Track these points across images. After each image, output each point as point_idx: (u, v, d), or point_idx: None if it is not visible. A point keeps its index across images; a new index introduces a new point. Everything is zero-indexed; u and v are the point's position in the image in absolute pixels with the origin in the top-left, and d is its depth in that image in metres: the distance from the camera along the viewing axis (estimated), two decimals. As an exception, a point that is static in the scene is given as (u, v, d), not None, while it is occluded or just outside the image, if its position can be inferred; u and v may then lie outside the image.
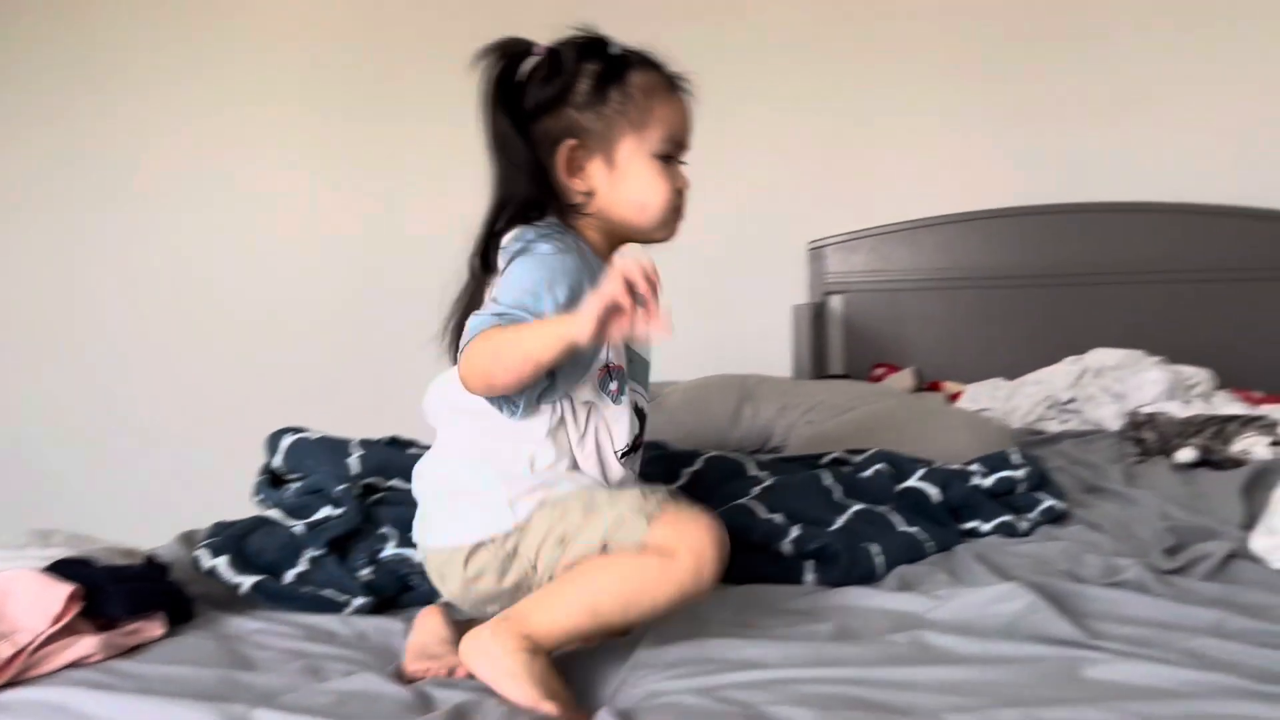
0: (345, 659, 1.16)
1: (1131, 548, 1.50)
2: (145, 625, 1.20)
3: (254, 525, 1.48)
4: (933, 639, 1.12)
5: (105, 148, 3.78)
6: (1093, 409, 2.59)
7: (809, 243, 3.32)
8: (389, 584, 1.40)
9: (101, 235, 3.81)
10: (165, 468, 3.78)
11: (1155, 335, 2.93)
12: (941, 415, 2.19)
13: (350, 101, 3.62)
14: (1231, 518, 1.63)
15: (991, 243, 3.20)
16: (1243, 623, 1.15)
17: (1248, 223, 3.01)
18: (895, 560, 1.45)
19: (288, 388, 3.68)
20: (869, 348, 3.30)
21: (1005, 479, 1.70)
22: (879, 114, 3.29)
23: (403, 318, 3.57)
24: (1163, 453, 2.12)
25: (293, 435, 1.66)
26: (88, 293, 3.85)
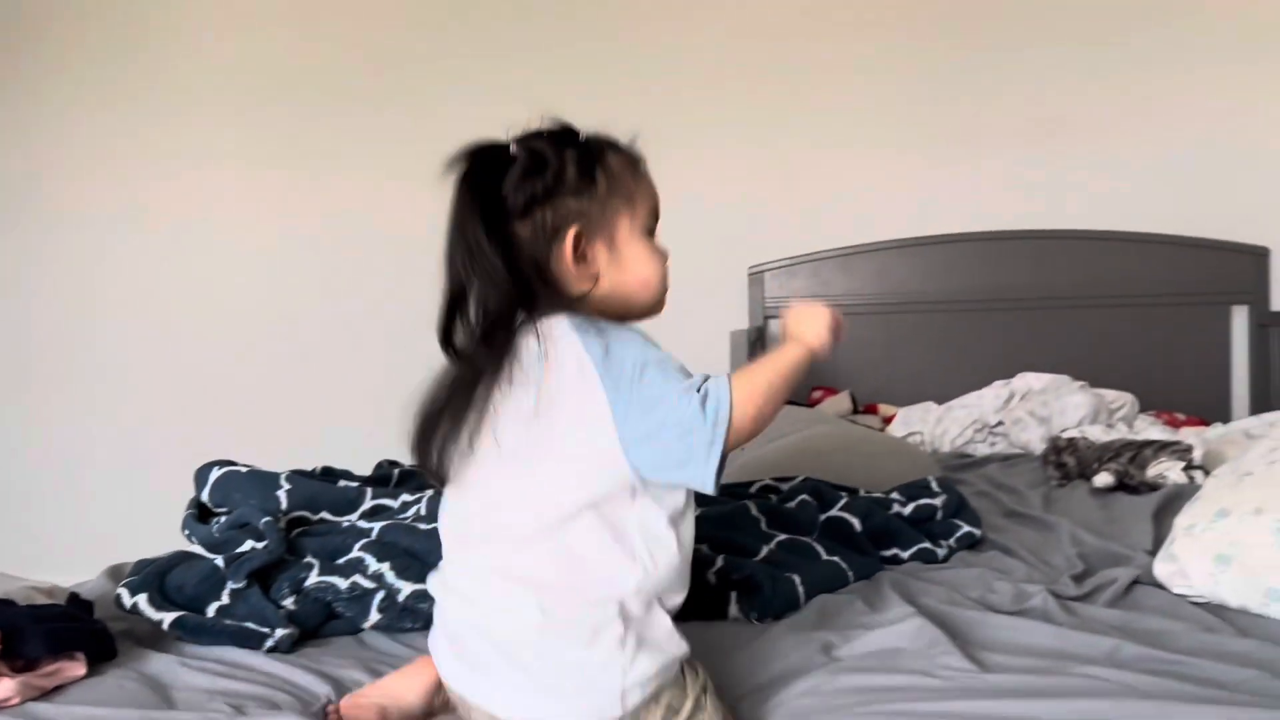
0: (266, 699, 1.17)
1: (1042, 574, 1.54)
2: (65, 665, 1.20)
3: (176, 560, 1.48)
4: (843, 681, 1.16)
5: (40, 165, 3.75)
6: (1019, 432, 2.65)
7: (749, 267, 3.38)
8: (313, 613, 1.40)
9: (30, 258, 3.77)
10: (97, 500, 3.74)
11: (1080, 360, 3.02)
12: (868, 442, 2.24)
13: (297, 107, 3.62)
14: (1141, 543, 1.69)
15: (925, 269, 3.27)
16: (1137, 650, 1.20)
17: (1171, 250, 3.11)
18: (817, 589, 1.48)
19: (219, 414, 3.66)
20: (808, 370, 3.34)
21: (924, 506, 1.75)
22: (818, 143, 3.36)
23: (351, 345, 3.60)
24: (1082, 476, 2.19)
25: (221, 468, 1.66)
26: (17, 318, 3.81)
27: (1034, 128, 3.22)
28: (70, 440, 3.77)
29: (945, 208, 3.29)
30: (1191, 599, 1.40)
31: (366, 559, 1.43)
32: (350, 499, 1.67)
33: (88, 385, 3.76)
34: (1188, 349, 3.11)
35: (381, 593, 1.41)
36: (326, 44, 3.59)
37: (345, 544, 1.48)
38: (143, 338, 3.71)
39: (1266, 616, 1.32)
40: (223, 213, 3.66)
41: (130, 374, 3.72)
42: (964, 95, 3.27)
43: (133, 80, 3.69)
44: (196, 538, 1.56)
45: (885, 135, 3.33)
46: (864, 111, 3.34)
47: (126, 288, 3.72)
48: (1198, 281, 3.10)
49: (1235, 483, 1.50)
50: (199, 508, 1.66)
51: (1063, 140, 3.21)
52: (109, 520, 3.67)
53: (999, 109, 3.25)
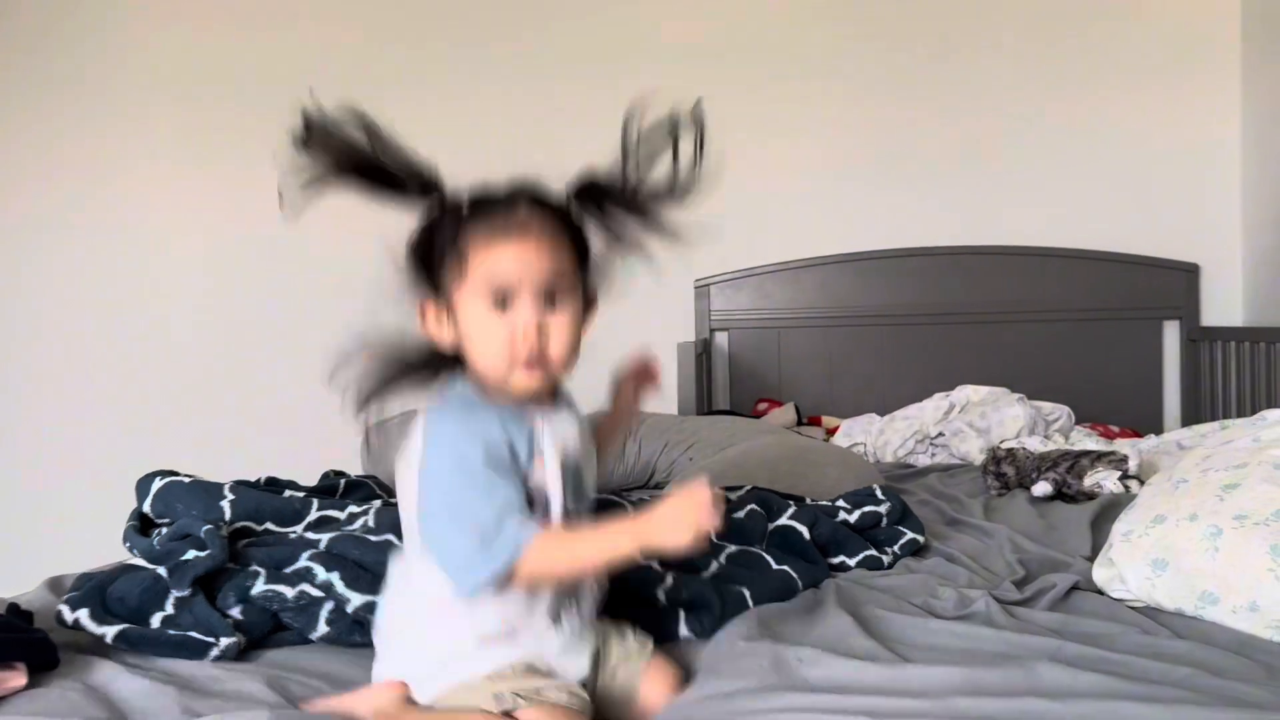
0: (214, 706, 1.15)
1: (984, 580, 1.58)
2: (6, 676, 1.17)
3: (118, 573, 1.45)
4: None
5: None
6: (959, 443, 2.70)
7: (695, 280, 3.40)
8: (259, 622, 1.38)
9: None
10: (35, 510, 3.66)
11: (1017, 373, 3.09)
12: (814, 452, 2.27)
13: (237, 109, 3.58)
14: (1079, 549, 1.73)
15: (868, 283, 3.32)
16: (1078, 650, 1.23)
17: (1105, 266, 3.19)
18: (767, 599, 1.49)
19: (167, 424, 3.60)
20: (753, 383, 3.39)
21: (870, 513, 1.77)
22: (763, 158, 3.39)
23: (293, 356, 3.56)
24: (1021, 486, 2.24)
25: (163, 479, 1.64)
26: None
27: (973, 146, 3.30)
28: (3, 449, 3.68)
29: (887, 224, 3.35)
30: (1129, 603, 1.44)
31: (315, 568, 1.42)
32: (296, 509, 1.65)
33: (21, 391, 3.67)
34: (1121, 362, 3.20)
35: (330, 603, 1.40)
36: (270, 40, 3.56)
37: (293, 554, 1.46)
38: (80, 344, 3.64)
39: (1200, 619, 1.36)
40: (162, 215, 3.61)
41: (66, 381, 3.65)
42: (904, 114, 3.34)
43: (70, 77, 3.62)
44: (138, 550, 1.53)
45: (828, 152, 3.38)
46: (807, 129, 3.39)
47: (61, 292, 3.64)
48: (1130, 297, 3.19)
49: (1171, 490, 1.54)
50: (140, 519, 1.63)
51: (1001, 159, 3.29)
52: (46, 532, 3.59)
53: (938, 128, 3.32)
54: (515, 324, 1.16)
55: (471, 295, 1.17)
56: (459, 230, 1.18)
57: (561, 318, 1.18)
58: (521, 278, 1.16)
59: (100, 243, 3.63)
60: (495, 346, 1.17)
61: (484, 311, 1.17)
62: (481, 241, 1.16)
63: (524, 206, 1.18)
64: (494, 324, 1.16)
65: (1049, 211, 3.27)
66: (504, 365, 1.17)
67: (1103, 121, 3.24)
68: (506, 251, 1.16)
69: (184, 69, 3.59)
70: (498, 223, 1.17)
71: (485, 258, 1.16)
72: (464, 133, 3.36)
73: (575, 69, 3.46)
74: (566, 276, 1.19)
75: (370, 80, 3.50)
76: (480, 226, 1.17)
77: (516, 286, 1.16)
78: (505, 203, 1.19)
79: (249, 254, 3.58)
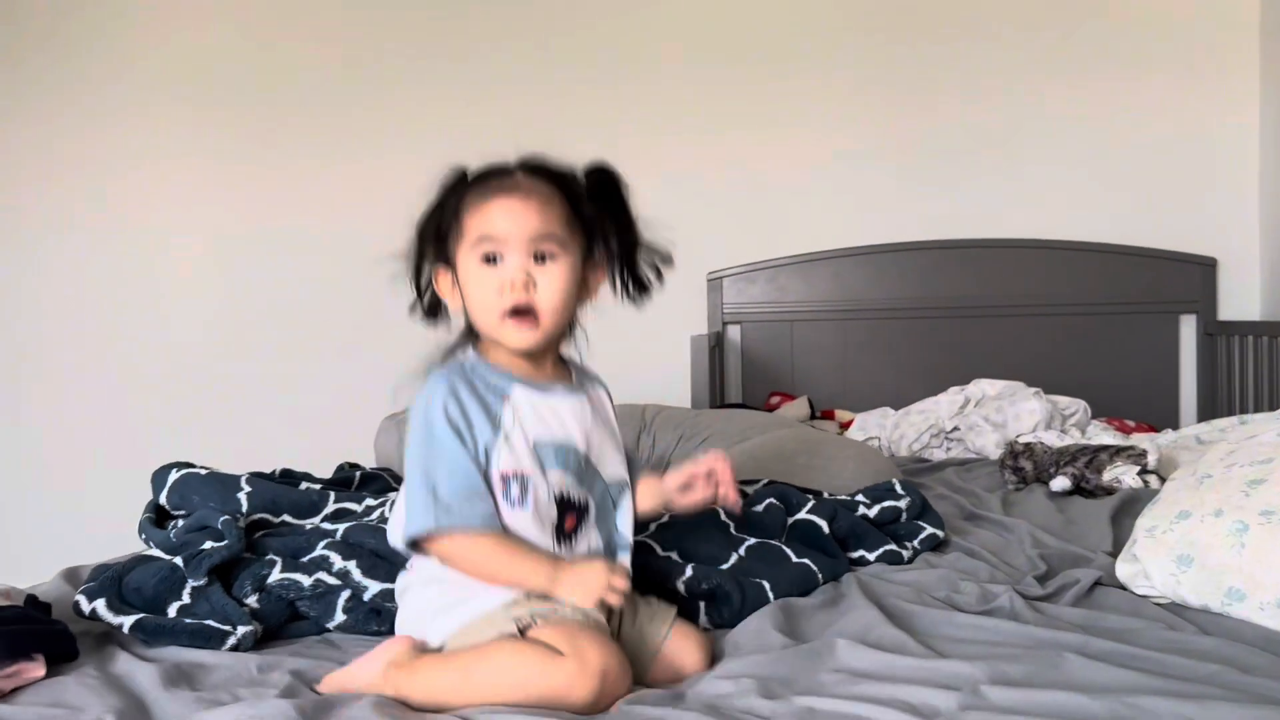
0: (234, 697, 1.14)
1: (1006, 575, 1.56)
2: (25, 667, 1.16)
3: (134, 563, 1.45)
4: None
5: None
6: (975, 437, 2.68)
7: (707, 273, 3.39)
8: (276, 611, 1.38)
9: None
10: (53, 501, 3.67)
11: (1033, 367, 3.07)
12: (830, 445, 2.25)
13: (238, 108, 3.58)
14: (1100, 544, 1.72)
15: (882, 276, 3.31)
16: (1105, 645, 1.21)
17: (1122, 260, 3.17)
18: (787, 592, 1.48)
19: (179, 417, 3.60)
20: (765, 377, 3.37)
21: (889, 508, 1.76)
22: (778, 150, 3.38)
23: (305, 350, 3.56)
24: (1039, 480, 2.22)
25: (179, 470, 1.63)
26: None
27: (988, 138, 3.28)
28: (18, 442, 3.68)
29: (901, 217, 3.33)
30: (1153, 599, 1.43)
31: (331, 556, 1.41)
32: (313, 501, 1.65)
33: (31, 385, 3.68)
34: (1137, 357, 3.18)
35: (347, 591, 1.40)
36: (274, 39, 3.55)
37: (309, 543, 1.46)
38: (91, 338, 3.64)
39: (1226, 615, 1.35)
40: (168, 211, 3.60)
41: (81, 375, 3.65)
42: (919, 106, 3.32)
43: (82, 75, 3.62)
44: (154, 541, 1.53)
45: (842, 145, 3.36)
46: (821, 121, 3.37)
47: (71, 287, 3.64)
48: (1147, 291, 3.17)
49: (1195, 485, 1.52)
50: (156, 510, 1.63)
51: (1016, 151, 3.27)
52: (61, 523, 3.60)
53: (953, 120, 3.30)
54: (503, 275, 1.22)
55: (467, 252, 1.24)
56: (462, 196, 1.25)
57: (551, 271, 1.24)
58: (509, 231, 1.22)
59: (108, 239, 3.62)
60: (485, 298, 1.23)
61: (476, 266, 1.23)
62: (475, 200, 1.24)
63: (520, 171, 1.26)
64: (485, 277, 1.23)
65: (1065, 204, 3.25)
66: (494, 317, 1.23)
67: (1119, 113, 3.22)
68: (496, 207, 1.23)
69: (189, 68, 3.58)
70: (491, 184, 1.25)
71: (477, 214, 1.23)
72: (467, 127, 3.35)
73: (581, 59, 3.44)
74: (558, 235, 1.24)
75: (373, 78, 3.51)
76: (476, 188, 1.25)
77: (504, 240, 1.22)
78: (502, 169, 1.27)
79: (255, 248, 3.57)
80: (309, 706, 1.07)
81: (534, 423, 1.24)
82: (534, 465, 1.23)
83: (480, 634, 1.17)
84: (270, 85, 3.54)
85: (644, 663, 1.25)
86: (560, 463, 1.25)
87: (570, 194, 1.27)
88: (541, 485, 1.23)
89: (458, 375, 1.23)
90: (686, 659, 1.26)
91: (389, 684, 1.14)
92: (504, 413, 1.22)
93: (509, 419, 1.22)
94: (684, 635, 1.29)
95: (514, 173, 1.26)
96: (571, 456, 1.26)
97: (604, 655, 1.11)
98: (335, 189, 3.51)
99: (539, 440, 1.24)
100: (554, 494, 1.24)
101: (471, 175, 1.28)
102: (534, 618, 1.16)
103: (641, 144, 3.34)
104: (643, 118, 3.40)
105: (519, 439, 1.22)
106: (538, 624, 1.16)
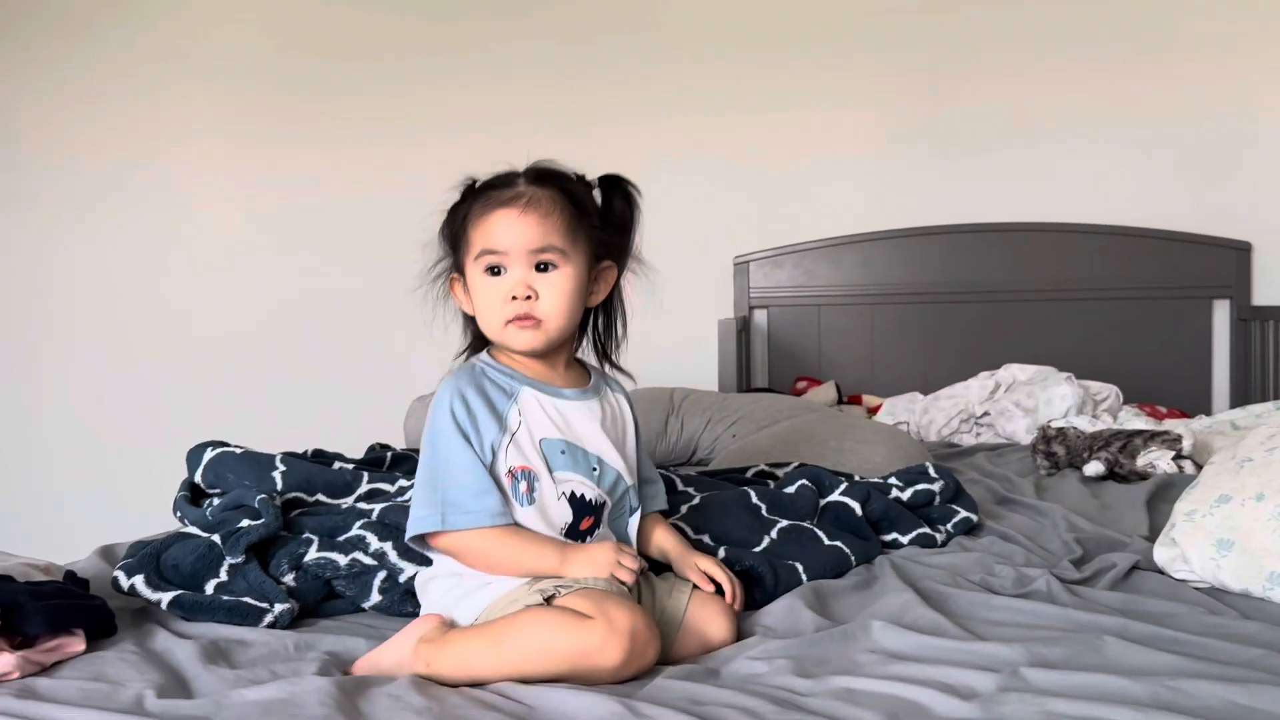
0: (270, 674, 1.15)
1: (1041, 558, 1.55)
2: (65, 642, 1.17)
3: (171, 540, 1.46)
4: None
5: (24, 151, 3.71)
6: (1005, 423, 2.66)
7: (734, 257, 3.37)
8: (312, 590, 1.39)
9: (17, 240, 3.74)
10: (86, 478, 3.71)
11: (1063, 352, 3.04)
12: (860, 429, 2.24)
13: (279, 97, 3.59)
14: (1136, 529, 1.71)
15: (911, 260, 3.28)
16: (1145, 629, 1.20)
17: (1154, 244, 3.14)
18: (820, 575, 1.48)
19: (216, 396, 3.64)
20: (792, 361, 3.36)
21: (922, 491, 1.75)
22: (805, 132, 3.36)
23: (337, 329, 3.58)
24: (1071, 465, 2.20)
25: (214, 449, 1.64)
26: (2, 299, 3.76)
27: (1019, 120, 3.24)
28: (52, 420, 3.73)
29: (930, 200, 3.30)
30: (1193, 583, 1.41)
31: (368, 537, 1.42)
32: (347, 481, 1.65)
33: (70, 366, 3.71)
34: (1170, 342, 3.14)
35: (383, 572, 1.40)
36: (318, 24, 3.56)
37: (345, 523, 1.46)
38: (129, 317, 3.68)
39: (1268, 600, 1.33)
40: (204, 190, 3.63)
41: (109, 356, 3.68)
42: (949, 88, 3.28)
43: (109, 58, 3.65)
44: (189, 519, 1.54)
45: (870, 127, 3.34)
46: (849, 104, 3.34)
47: (109, 266, 3.68)
48: (1180, 275, 3.13)
49: (1235, 469, 1.51)
50: (191, 489, 1.63)
51: (1047, 133, 3.23)
52: (96, 501, 3.64)
53: (984, 102, 3.26)
54: (505, 287, 1.26)
55: (473, 263, 1.29)
56: (469, 209, 1.30)
57: (552, 280, 1.27)
58: (510, 243, 1.26)
59: (147, 216, 3.66)
60: (490, 308, 1.28)
61: (482, 277, 1.28)
62: (479, 213, 1.28)
63: (523, 181, 1.29)
64: (489, 287, 1.28)
65: (1097, 187, 3.21)
66: (498, 325, 1.28)
67: (1152, 95, 3.17)
68: (497, 220, 1.27)
69: (222, 52, 3.60)
70: (495, 196, 1.28)
71: (480, 227, 1.28)
72: (500, 111, 3.35)
73: (609, 47, 3.43)
74: (558, 242, 1.27)
75: (403, 60, 3.51)
76: (481, 200, 1.29)
77: (505, 252, 1.26)
78: (507, 179, 1.30)
79: (289, 229, 3.60)
80: (347, 684, 1.08)
81: (542, 423, 1.28)
82: (541, 464, 1.27)
83: (505, 611, 1.19)
84: (303, 65, 3.55)
85: (670, 637, 1.26)
86: (569, 464, 1.28)
87: (574, 201, 1.30)
88: (549, 485, 1.26)
89: (466, 378, 1.28)
90: (712, 629, 1.27)
91: (420, 660, 1.15)
92: (510, 413, 1.27)
93: (515, 419, 1.27)
94: (706, 603, 1.30)
95: (517, 183, 1.29)
96: (580, 457, 1.30)
97: (632, 616, 1.12)
98: (371, 171, 3.51)
99: (546, 440, 1.28)
100: (563, 494, 1.27)
101: (480, 184, 1.32)
102: (557, 589, 1.18)
103: (668, 129, 3.33)
104: (669, 104, 3.37)
105: (526, 439, 1.26)
106: (562, 594, 1.18)
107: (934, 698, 1.02)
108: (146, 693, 1.07)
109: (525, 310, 1.26)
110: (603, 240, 1.33)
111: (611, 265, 1.36)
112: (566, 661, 1.10)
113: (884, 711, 1.00)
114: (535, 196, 1.27)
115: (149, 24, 3.63)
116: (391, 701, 1.05)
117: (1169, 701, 0.99)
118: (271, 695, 1.06)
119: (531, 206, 1.26)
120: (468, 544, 1.23)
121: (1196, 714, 0.95)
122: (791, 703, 1.03)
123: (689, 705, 1.02)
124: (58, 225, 3.69)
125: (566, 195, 1.29)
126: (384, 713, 1.02)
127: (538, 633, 1.12)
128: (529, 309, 1.26)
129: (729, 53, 3.39)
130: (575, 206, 1.29)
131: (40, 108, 3.69)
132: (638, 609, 1.16)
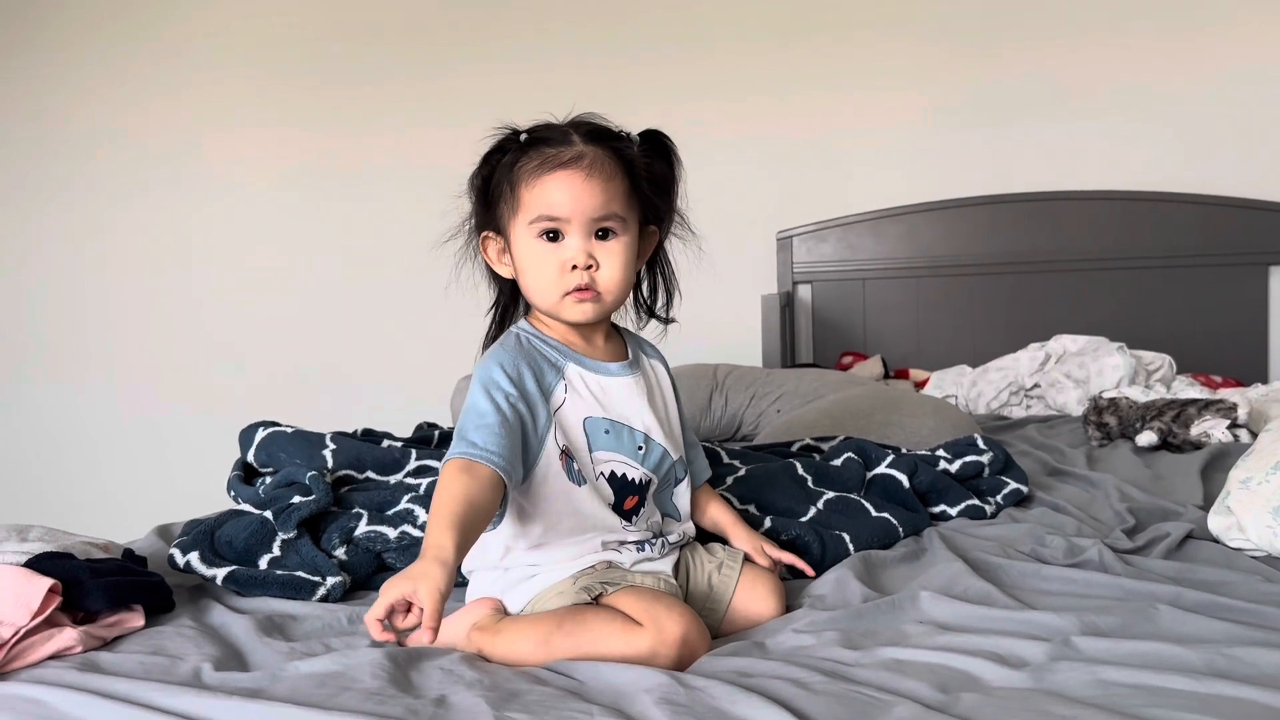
0: (324, 646, 1.17)
1: (1093, 529, 1.53)
2: (125, 617, 1.20)
3: (225, 518, 1.49)
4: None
5: (71, 136, 3.77)
6: (1056, 394, 2.63)
7: (777, 232, 3.35)
8: (363, 563, 1.41)
9: (66, 224, 3.80)
10: (141, 460, 3.78)
11: (1116, 321, 3.00)
12: (907, 402, 2.22)
13: (321, 68, 3.63)
14: (1190, 498, 1.68)
15: (956, 232, 3.24)
16: (1199, 597, 1.19)
17: (1206, 210, 3.07)
18: (867, 545, 1.47)
19: (264, 378, 3.69)
20: (836, 336, 3.34)
21: (971, 463, 1.73)
22: (847, 106, 3.32)
23: (382, 310, 3.61)
24: (1124, 436, 2.17)
25: (266, 429, 1.67)
26: (54, 285, 3.83)
27: (1064, 87, 3.18)
28: (109, 403, 3.80)
29: (974, 171, 3.26)
30: (1248, 552, 1.39)
31: (416, 510, 1.44)
32: (395, 459, 1.67)
33: (112, 350, 3.78)
34: (1224, 310, 3.08)
35: (432, 546, 1.41)
36: (349, 9, 3.58)
37: (394, 497, 1.48)
38: (179, 301, 3.74)
39: (1327, 568, 1.31)
40: (248, 175, 3.68)
41: (153, 338, 3.75)
42: (991, 59, 3.23)
43: (154, 44, 3.69)
44: (242, 498, 1.57)
45: (914, 98, 3.29)
46: (892, 75, 3.30)
47: (160, 248, 3.73)
48: (1234, 242, 3.07)
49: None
50: (244, 468, 1.66)
51: (1093, 99, 3.17)
52: (151, 481, 3.72)
53: (1027, 69, 3.20)
54: (565, 255, 1.19)
55: (524, 227, 1.20)
56: (515, 163, 1.20)
57: (613, 249, 1.21)
58: (572, 210, 1.18)
59: (192, 200, 3.71)
60: (546, 278, 1.20)
61: (535, 242, 1.20)
62: (533, 173, 1.19)
63: (578, 139, 1.20)
64: (544, 254, 1.20)
65: (1146, 153, 3.15)
66: (555, 296, 1.21)
67: (1200, 56, 3.09)
68: (557, 183, 1.18)
69: (265, 36, 3.64)
70: (550, 155, 1.19)
71: (535, 188, 1.18)
72: (536, 89, 3.35)
73: (650, 24, 3.41)
74: (619, 209, 1.21)
75: (445, 44, 3.52)
76: (533, 158, 1.20)
77: (566, 218, 1.18)
78: (560, 135, 1.21)
79: (333, 207, 3.63)
80: (400, 656, 1.09)
81: (588, 402, 1.23)
82: (582, 443, 1.22)
83: (551, 605, 1.17)
84: (349, 57, 3.58)
85: (717, 614, 1.25)
86: (612, 443, 1.24)
87: (628, 164, 1.23)
88: (587, 465, 1.22)
89: (515, 351, 1.21)
90: (761, 606, 1.25)
91: (472, 646, 1.16)
92: (557, 389, 1.22)
93: (560, 395, 1.22)
94: (756, 579, 1.27)
95: (573, 140, 1.20)
96: (626, 436, 1.25)
97: (682, 624, 1.09)
98: (413, 153, 3.53)
99: (590, 419, 1.23)
100: (601, 474, 1.23)
101: (525, 137, 1.22)
102: (603, 587, 1.16)
103: (710, 106, 3.31)
104: (711, 81, 3.36)
105: (570, 417, 1.22)
106: (609, 592, 1.15)
107: (984, 667, 1.02)
108: (204, 666, 1.09)
109: (586, 281, 1.20)
110: (651, 204, 1.26)
111: (655, 229, 1.30)
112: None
113: (933, 682, 0.99)
114: (597, 158, 1.19)
115: (194, 9, 3.67)
116: (443, 674, 1.06)
117: (1224, 669, 0.97)
118: (325, 667, 1.08)
119: (595, 170, 1.18)
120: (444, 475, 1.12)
121: (1253, 681, 0.94)
122: (839, 674, 1.03)
123: (737, 677, 1.02)
124: (106, 207, 3.75)
125: (621, 157, 1.22)
126: (436, 685, 1.04)
127: (586, 639, 1.09)
128: (589, 279, 1.20)
129: (771, 30, 3.36)
130: (630, 170, 1.23)
131: (86, 94, 3.74)
132: (688, 613, 1.12)
